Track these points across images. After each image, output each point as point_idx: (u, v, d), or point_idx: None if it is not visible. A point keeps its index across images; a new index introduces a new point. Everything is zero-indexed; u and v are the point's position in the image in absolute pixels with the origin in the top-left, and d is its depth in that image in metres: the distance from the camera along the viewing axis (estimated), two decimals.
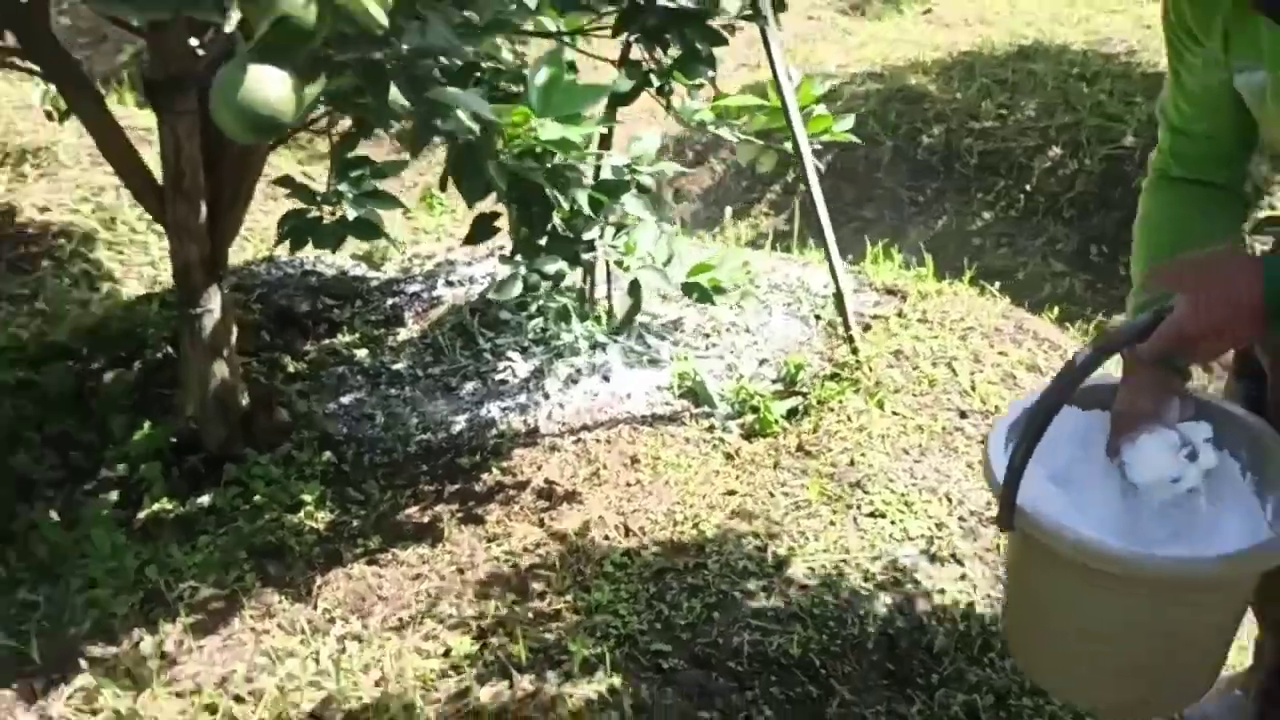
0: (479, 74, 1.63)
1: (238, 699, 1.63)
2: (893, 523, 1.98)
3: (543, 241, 1.86)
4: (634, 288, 1.98)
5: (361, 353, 2.50)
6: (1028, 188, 3.80)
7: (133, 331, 2.54)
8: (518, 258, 1.98)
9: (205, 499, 2.03)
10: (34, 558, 1.90)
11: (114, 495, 2.03)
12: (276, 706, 1.61)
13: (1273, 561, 1.15)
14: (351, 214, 1.77)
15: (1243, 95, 1.25)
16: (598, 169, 1.99)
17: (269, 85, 1.05)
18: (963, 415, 2.28)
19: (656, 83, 2.06)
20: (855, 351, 2.41)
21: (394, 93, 1.23)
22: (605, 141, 2.30)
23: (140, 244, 3.04)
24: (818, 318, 2.62)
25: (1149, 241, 1.39)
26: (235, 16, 1.08)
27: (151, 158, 2.02)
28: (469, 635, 1.75)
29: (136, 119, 3.29)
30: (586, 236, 1.86)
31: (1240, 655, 1.64)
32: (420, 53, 1.29)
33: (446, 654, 1.71)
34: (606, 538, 1.96)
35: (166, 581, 1.84)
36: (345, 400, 2.34)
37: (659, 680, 1.67)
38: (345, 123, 1.96)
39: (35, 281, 2.84)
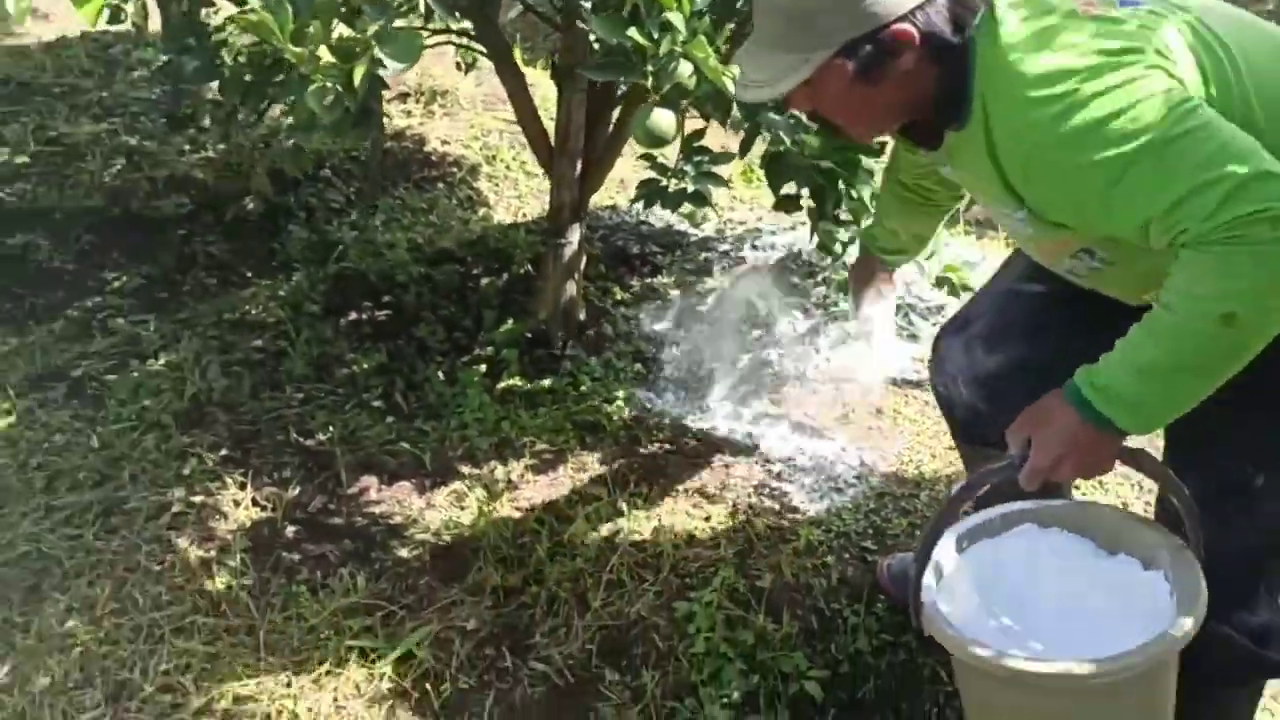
0: None
1: (556, 519, 2.27)
2: (1097, 482, 2.37)
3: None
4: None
5: (674, 292, 3.09)
6: None
7: (502, 249, 3.24)
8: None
9: (546, 381, 2.68)
10: (426, 401, 2.62)
11: (483, 367, 2.72)
12: (581, 529, 2.23)
13: (1164, 656, 1.33)
14: (690, 187, 2.35)
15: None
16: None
17: (664, 120, 1.65)
18: None
19: None
20: None
21: (735, 112, 1.79)
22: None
23: (512, 180, 3.75)
24: None
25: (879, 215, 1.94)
26: None
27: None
28: (724, 507, 2.30)
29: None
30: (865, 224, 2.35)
31: None
32: None
33: (708, 519, 2.28)
34: (845, 464, 2.46)
35: (515, 434, 2.51)
36: (657, 327, 2.94)
37: (862, 567, 2.17)
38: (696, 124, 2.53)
39: (431, 199, 3.60)
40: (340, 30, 1.76)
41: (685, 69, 1.74)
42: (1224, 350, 1.27)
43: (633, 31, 1.71)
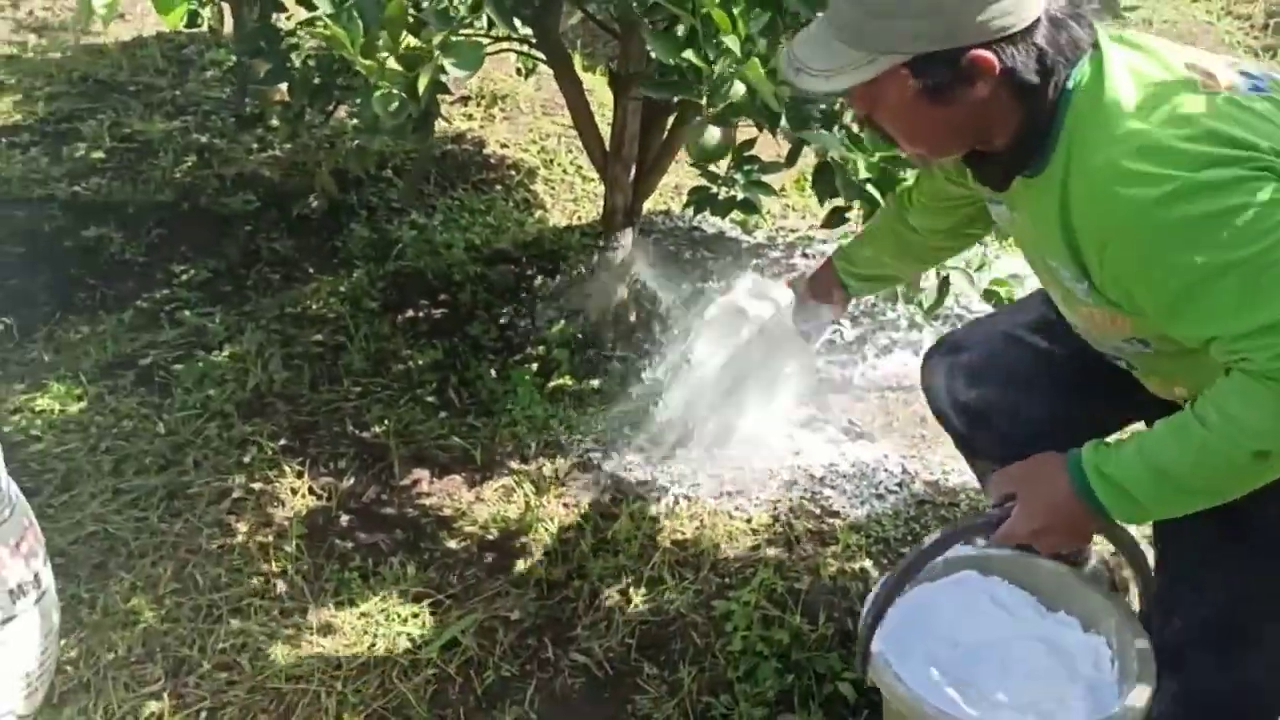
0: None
1: (601, 516, 2.33)
2: None
3: None
4: (943, 284, 2.49)
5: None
6: None
7: (557, 250, 3.31)
8: None
9: (595, 382, 2.74)
10: (478, 398, 2.69)
11: (534, 366, 2.79)
12: (624, 527, 2.29)
13: None
14: (739, 195, 2.39)
15: (990, 214, 1.52)
16: None
17: (716, 137, 1.69)
18: None
19: None
20: None
21: (783, 123, 1.83)
22: None
23: (568, 184, 3.81)
24: None
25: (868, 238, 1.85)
26: None
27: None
28: (765, 509, 2.35)
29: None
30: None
31: None
32: (800, 102, 1.89)
33: (748, 520, 2.32)
34: (888, 470, 2.49)
35: (564, 432, 2.57)
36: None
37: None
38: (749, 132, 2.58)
39: (489, 201, 3.66)
40: (406, 39, 1.83)
41: (738, 89, 1.79)
42: (1244, 480, 1.23)
43: (689, 54, 1.77)
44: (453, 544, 2.27)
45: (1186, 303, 1.19)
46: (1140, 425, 1.57)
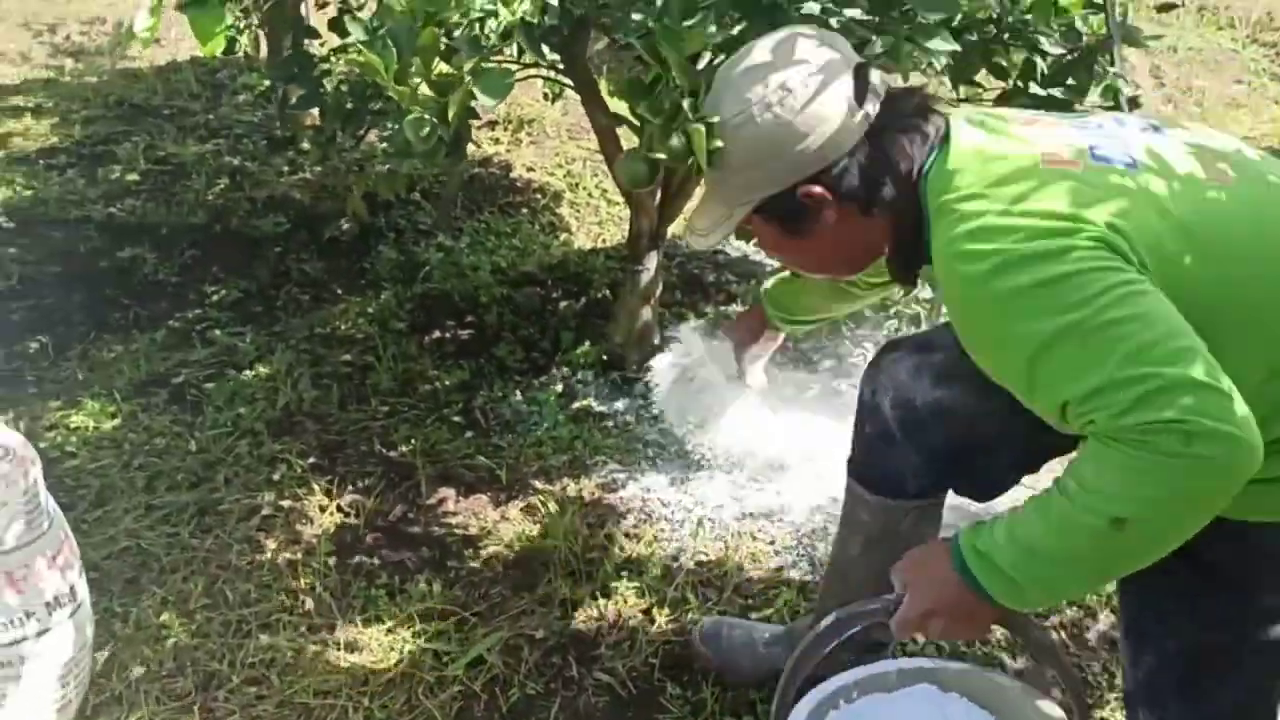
0: None
1: (625, 536, 2.35)
2: None
3: None
4: None
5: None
6: None
7: (582, 273, 3.35)
8: None
9: (620, 404, 2.77)
10: (504, 418, 2.72)
11: (559, 387, 2.81)
12: (648, 547, 2.31)
13: None
14: None
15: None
16: None
17: (643, 170, 1.68)
18: None
19: None
20: None
21: None
22: None
23: (593, 207, 3.85)
24: None
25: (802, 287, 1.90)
26: None
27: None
28: (788, 530, 2.36)
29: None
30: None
31: None
32: None
33: (771, 542, 2.34)
34: None
35: (588, 453, 2.59)
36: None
37: None
38: None
39: (515, 224, 3.71)
40: (437, 65, 1.87)
41: (676, 142, 1.78)
42: (1110, 552, 1.20)
43: (644, 104, 1.78)
44: (478, 562, 2.30)
45: (1033, 373, 1.21)
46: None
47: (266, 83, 4.33)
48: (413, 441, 2.61)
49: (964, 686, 1.53)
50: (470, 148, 3.65)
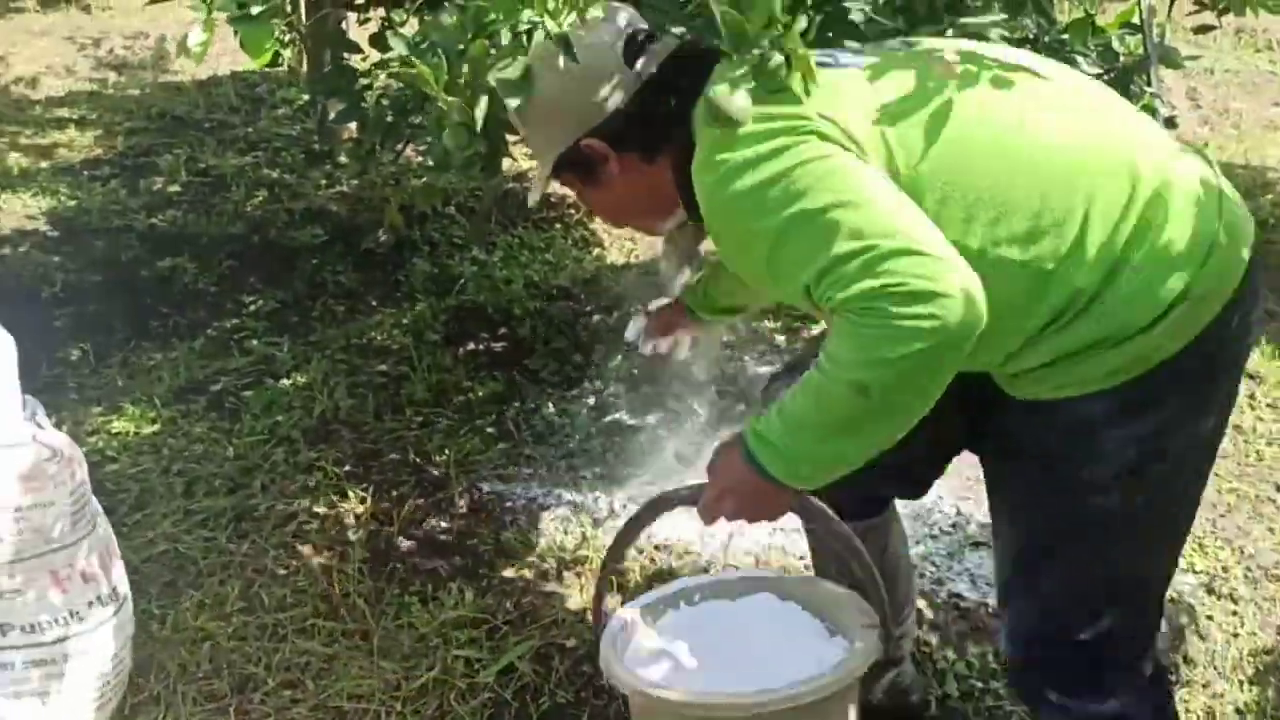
0: None
1: (656, 548, 2.36)
2: (1182, 555, 2.36)
3: None
4: None
5: (780, 338, 3.16)
6: None
7: (613, 288, 3.38)
8: None
9: (652, 418, 2.79)
10: (536, 429, 2.74)
11: (591, 400, 2.84)
12: (679, 558, 2.32)
13: (830, 689, 1.44)
14: None
15: None
16: None
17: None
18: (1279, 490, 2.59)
19: None
20: None
21: None
22: None
23: None
24: None
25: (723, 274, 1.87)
26: None
27: None
28: None
29: None
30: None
31: None
32: None
33: (801, 557, 2.34)
34: (942, 511, 2.50)
35: (619, 465, 2.61)
36: (761, 370, 3.02)
37: (954, 613, 2.21)
38: None
39: (548, 238, 3.75)
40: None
41: None
42: (863, 418, 1.27)
43: None
44: (510, 572, 2.31)
45: (774, 267, 1.29)
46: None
47: (305, 97, 4.40)
48: (446, 451, 2.63)
49: (802, 595, 1.65)
50: (505, 162, 3.68)
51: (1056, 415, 1.37)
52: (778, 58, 1.30)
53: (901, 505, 2.48)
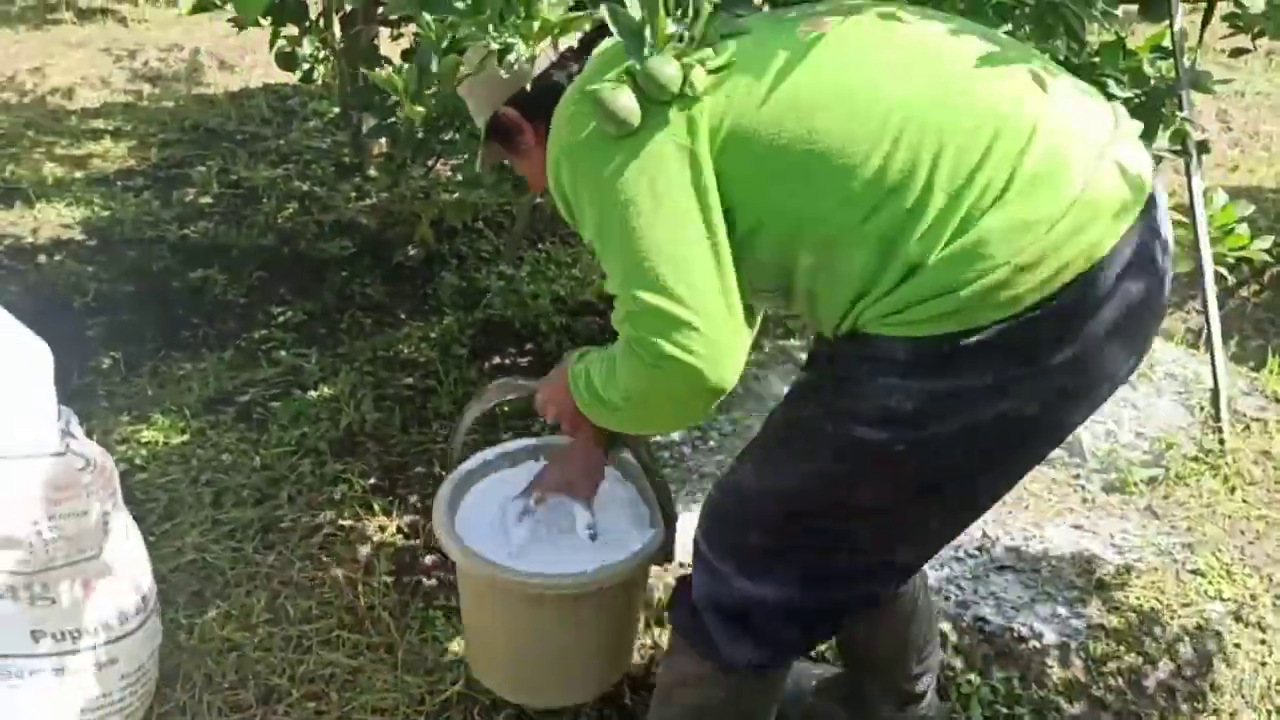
0: None
1: (680, 565, 2.36)
2: (1210, 583, 2.35)
3: None
4: None
5: (804, 356, 3.16)
6: None
7: None
8: None
9: (676, 435, 2.79)
10: None
11: None
12: None
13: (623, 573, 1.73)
14: None
15: None
16: None
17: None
18: None
19: None
20: (1222, 443, 2.74)
21: None
22: None
23: None
24: (1201, 408, 2.96)
25: None
26: None
27: None
28: None
29: None
30: None
31: None
32: None
33: None
34: (968, 534, 2.48)
35: None
36: (786, 388, 3.01)
37: (979, 636, 2.20)
38: None
39: (574, 254, 3.78)
40: None
41: None
42: (626, 421, 1.44)
43: None
44: None
45: (597, 244, 1.38)
46: None
47: (336, 110, 4.43)
48: None
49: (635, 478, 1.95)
50: None
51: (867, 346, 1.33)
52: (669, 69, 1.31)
53: None
